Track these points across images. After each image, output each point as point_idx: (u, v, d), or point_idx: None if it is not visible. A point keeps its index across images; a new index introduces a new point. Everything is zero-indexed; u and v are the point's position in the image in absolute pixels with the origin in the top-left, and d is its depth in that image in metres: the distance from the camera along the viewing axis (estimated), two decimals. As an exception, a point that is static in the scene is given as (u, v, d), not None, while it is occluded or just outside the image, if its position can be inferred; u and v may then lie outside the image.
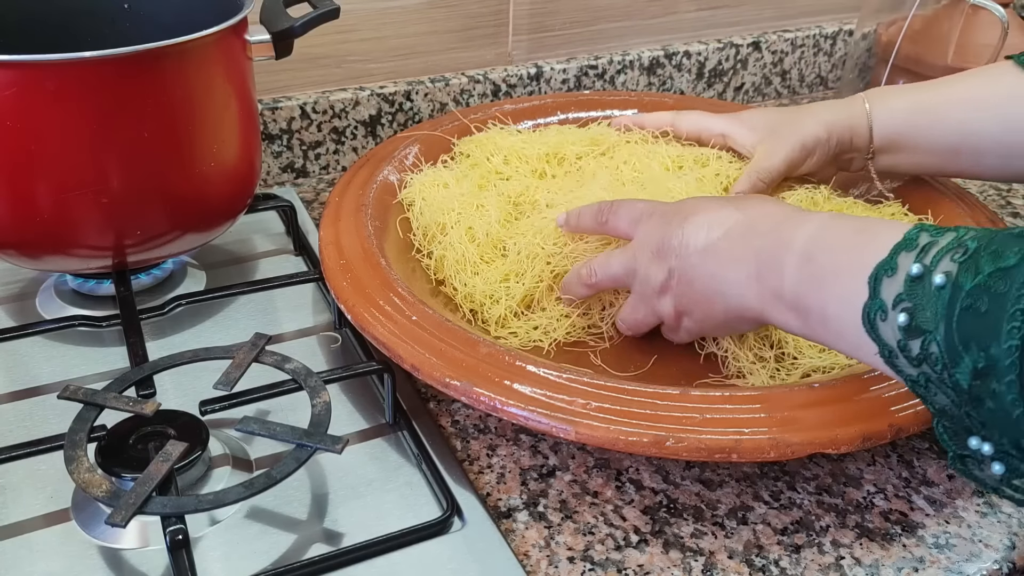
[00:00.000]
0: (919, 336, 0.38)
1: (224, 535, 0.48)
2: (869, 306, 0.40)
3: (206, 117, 0.59)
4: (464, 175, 0.72)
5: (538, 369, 0.50)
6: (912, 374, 0.39)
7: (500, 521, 0.49)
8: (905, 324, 0.38)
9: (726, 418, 0.47)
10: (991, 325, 0.35)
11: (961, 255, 0.37)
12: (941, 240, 0.39)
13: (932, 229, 0.40)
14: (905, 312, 0.38)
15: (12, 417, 0.55)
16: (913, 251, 0.39)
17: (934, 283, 0.37)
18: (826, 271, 0.43)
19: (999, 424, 0.36)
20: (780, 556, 0.47)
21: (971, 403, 0.37)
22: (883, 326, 0.40)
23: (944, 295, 0.37)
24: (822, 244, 0.44)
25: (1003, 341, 0.34)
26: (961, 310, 0.36)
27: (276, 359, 0.53)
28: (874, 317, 0.40)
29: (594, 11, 0.94)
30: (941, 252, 0.38)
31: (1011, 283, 0.35)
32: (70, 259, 0.60)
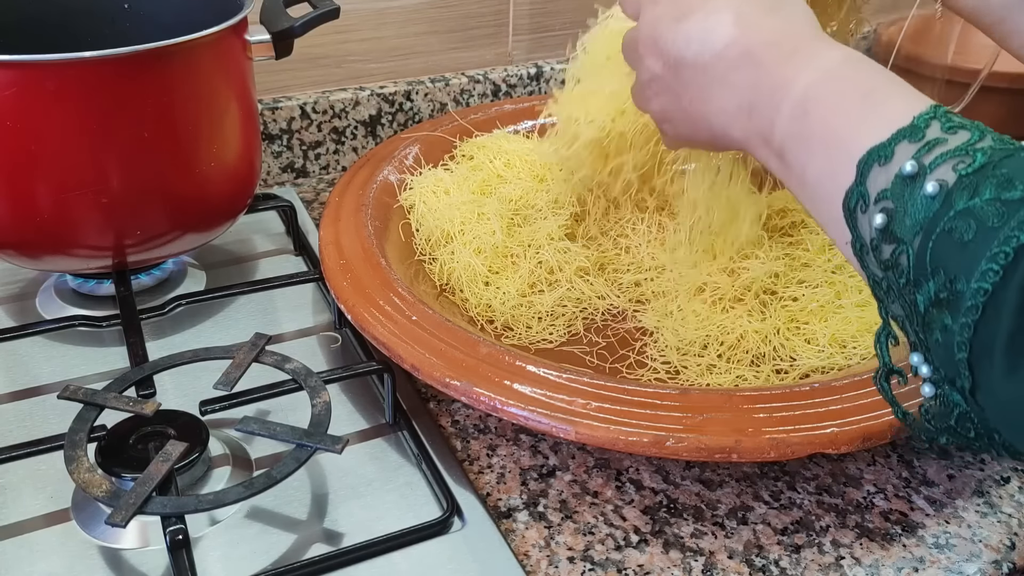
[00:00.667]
0: (893, 243, 0.34)
1: (224, 535, 0.48)
2: (851, 191, 0.35)
3: (206, 117, 0.59)
4: (465, 178, 0.72)
5: (538, 369, 0.50)
6: (877, 274, 0.36)
7: (500, 521, 0.49)
8: (881, 225, 0.34)
9: (726, 418, 0.47)
10: (968, 258, 0.31)
11: (966, 166, 0.32)
12: (951, 140, 0.33)
13: (947, 120, 0.34)
14: (884, 212, 0.34)
15: (12, 417, 0.55)
16: (916, 143, 0.34)
17: (924, 190, 0.32)
18: (817, 133, 0.38)
19: (939, 357, 0.33)
20: (780, 556, 0.47)
21: (921, 326, 0.34)
22: (861, 218, 0.35)
23: (931, 207, 0.32)
24: (823, 99, 0.38)
25: (973, 279, 0.30)
26: (943, 230, 0.32)
27: (276, 359, 0.53)
28: (854, 205, 0.35)
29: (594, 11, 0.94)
30: (945, 156, 0.33)
31: (1007, 219, 0.30)
32: (70, 259, 0.60)
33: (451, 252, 0.65)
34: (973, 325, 0.31)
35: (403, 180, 0.72)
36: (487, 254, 0.64)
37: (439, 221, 0.66)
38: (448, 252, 0.65)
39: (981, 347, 0.31)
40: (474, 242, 0.65)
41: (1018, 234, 0.30)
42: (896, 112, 0.35)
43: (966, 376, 0.32)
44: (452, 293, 0.64)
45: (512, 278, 0.63)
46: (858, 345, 0.57)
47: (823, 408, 0.47)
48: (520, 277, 0.63)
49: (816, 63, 0.39)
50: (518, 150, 0.74)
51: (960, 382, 0.33)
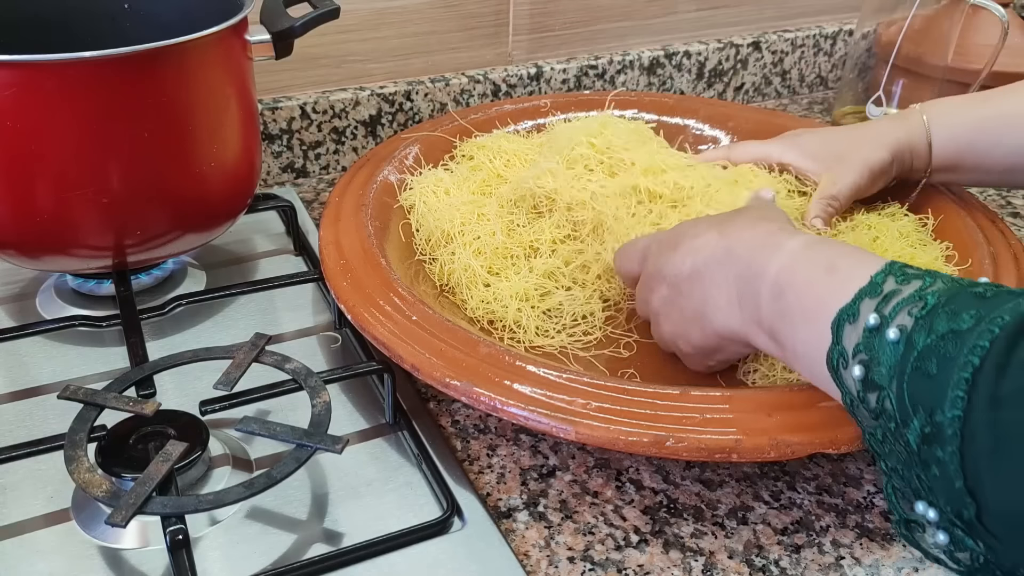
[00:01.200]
0: (875, 391, 0.37)
1: (224, 535, 0.48)
2: (832, 352, 0.39)
3: (206, 117, 0.59)
4: (465, 178, 0.72)
5: (538, 369, 0.50)
6: (871, 426, 0.39)
7: (500, 521, 0.49)
8: (860, 376, 0.38)
9: (726, 418, 0.47)
10: (937, 390, 0.34)
11: (920, 309, 0.36)
12: (904, 289, 0.37)
13: (901, 274, 0.38)
14: (861, 364, 0.38)
15: (12, 417, 0.55)
16: (875, 298, 0.38)
17: (888, 337, 0.36)
18: (794, 309, 0.43)
19: (943, 492, 0.35)
20: (780, 556, 0.47)
21: (920, 466, 0.36)
22: (845, 374, 0.39)
23: (897, 351, 0.36)
24: (792, 279, 0.44)
25: (947, 409, 0.33)
26: (912, 369, 0.35)
27: (276, 359, 0.53)
28: (837, 363, 0.39)
29: (594, 11, 0.94)
30: (901, 304, 0.37)
31: (961, 347, 0.33)
32: (70, 259, 0.60)
33: (451, 252, 0.65)
34: (959, 451, 0.33)
35: (403, 180, 0.72)
36: (487, 255, 0.64)
37: (439, 221, 0.67)
38: (448, 252, 0.65)
39: (972, 470, 0.33)
40: (474, 243, 0.65)
41: (971, 358, 0.33)
42: (856, 275, 0.40)
43: (969, 503, 0.34)
44: (452, 293, 0.64)
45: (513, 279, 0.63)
46: None
47: (823, 408, 0.47)
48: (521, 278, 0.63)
49: (780, 251, 0.45)
50: (518, 150, 0.74)
51: (967, 512, 0.34)
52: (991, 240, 0.64)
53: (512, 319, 0.60)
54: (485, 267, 0.64)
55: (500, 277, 0.63)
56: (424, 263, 0.66)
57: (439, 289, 0.64)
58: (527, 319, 0.60)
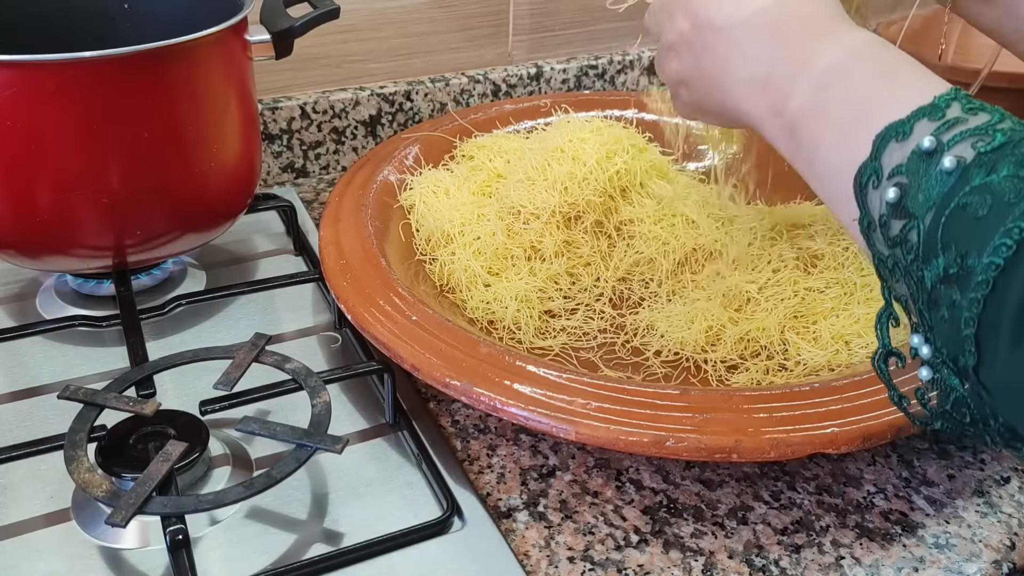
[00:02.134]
0: (904, 219, 0.34)
1: (224, 535, 0.48)
2: (865, 167, 0.35)
3: (206, 117, 0.59)
4: (465, 178, 0.72)
5: (538, 369, 0.50)
6: (883, 252, 0.36)
7: (500, 521, 0.49)
8: (894, 200, 0.34)
9: (726, 418, 0.47)
10: (981, 233, 0.31)
11: (985, 144, 0.32)
12: (971, 120, 0.33)
13: (967, 102, 0.34)
14: (898, 187, 0.34)
15: (12, 417, 0.55)
16: (936, 121, 0.34)
17: (942, 166, 0.33)
18: (835, 108, 0.38)
19: (944, 335, 0.33)
20: (780, 556, 0.47)
21: (927, 303, 0.34)
22: (872, 193, 0.35)
23: (946, 182, 0.32)
24: (844, 76, 0.39)
25: (985, 255, 0.30)
26: (957, 205, 0.32)
27: (276, 359, 0.53)
28: (866, 180, 0.36)
29: (594, 11, 0.94)
30: (964, 134, 0.33)
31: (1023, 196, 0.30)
32: (70, 259, 0.60)
33: (451, 253, 0.65)
34: (983, 300, 0.31)
35: (403, 180, 0.72)
36: (487, 255, 0.64)
37: (439, 222, 0.67)
38: (448, 253, 0.65)
39: (989, 322, 0.31)
40: (474, 243, 0.65)
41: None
42: (916, 92, 0.35)
43: (971, 353, 0.32)
44: (452, 293, 0.64)
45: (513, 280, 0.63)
46: (864, 344, 0.57)
47: (823, 408, 0.47)
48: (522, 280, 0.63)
49: (840, 42, 0.40)
50: (518, 150, 0.74)
51: (964, 360, 0.33)
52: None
53: (512, 320, 0.60)
54: (485, 267, 0.64)
55: (500, 278, 0.63)
56: (424, 263, 0.66)
57: (439, 289, 0.64)
58: (526, 319, 0.60)
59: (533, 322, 0.61)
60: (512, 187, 0.68)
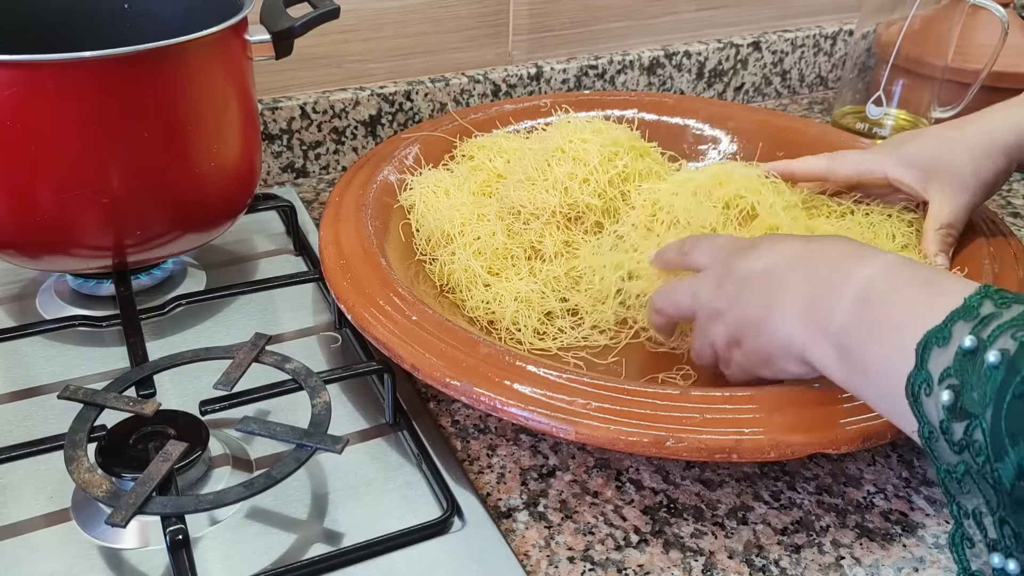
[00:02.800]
0: (964, 419, 0.34)
1: (224, 535, 0.48)
2: (914, 376, 0.36)
3: (206, 117, 0.59)
4: (465, 178, 0.72)
5: (538, 369, 0.50)
6: (951, 462, 0.35)
7: (500, 521, 0.49)
8: (950, 403, 0.34)
9: (726, 418, 0.47)
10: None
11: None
12: (1006, 313, 0.34)
13: (999, 298, 0.36)
14: (951, 389, 0.34)
15: (12, 417, 0.55)
16: (971, 321, 0.35)
17: (987, 361, 0.33)
18: (877, 321, 0.40)
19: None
20: (780, 556, 0.47)
21: (1011, 507, 0.33)
22: (927, 401, 0.36)
23: (996, 376, 0.33)
24: (881, 290, 0.41)
25: None
26: (1014, 396, 0.32)
27: (276, 359, 0.53)
28: (918, 390, 0.36)
29: (594, 11, 0.94)
30: (1002, 327, 0.34)
31: None
32: (70, 259, 0.60)
33: (451, 253, 0.65)
34: None
35: (403, 180, 0.72)
36: (487, 255, 0.64)
37: (439, 222, 0.67)
38: (448, 253, 0.65)
39: None
40: (474, 243, 0.65)
41: None
42: (949, 297, 0.37)
43: None
44: (452, 293, 0.64)
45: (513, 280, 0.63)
46: None
47: (823, 408, 0.47)
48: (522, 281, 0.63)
49: (871, 262, 0.43)
50: (518, 150, 0.74)
51: None
52: (991, 240, 0.64)
53: (511, 320, 0.60)
54: (485, 268, 0.64)
55: (500, 278, 0.63)
56: (424, 263, 0.66)
57: (439, 289, 0.64)
58: (525, 319, 0.60)
59: (533, 323, 0.61)
60: (512, 187, 0.68)
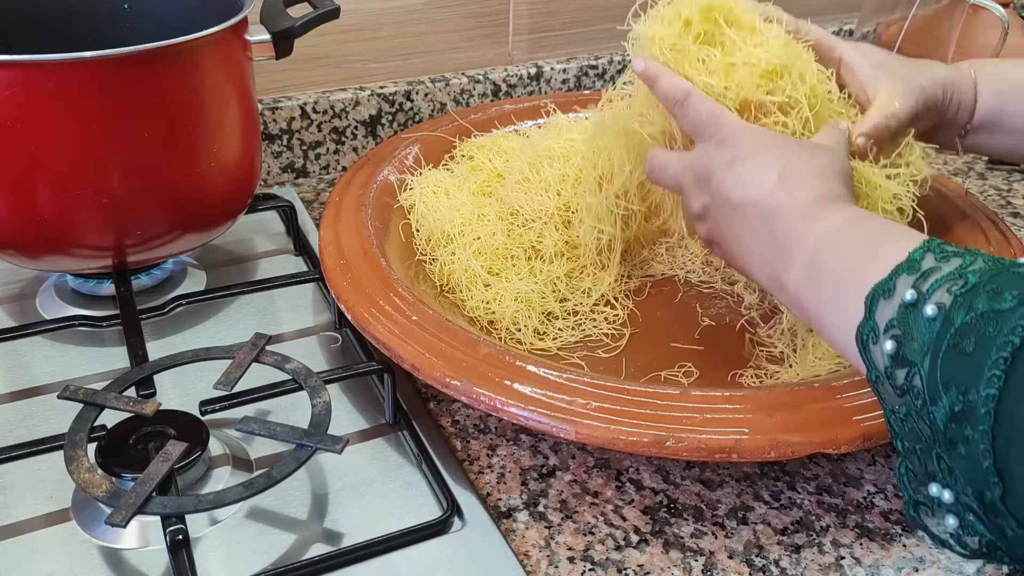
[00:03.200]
0: (906, 367, 0.37)
1: (224, 535, 0.48)
2: (862, 326, 0.39)
3: (206, 117, 0.59)
4: (465, 178, 0.72)
5: (538, 369, 0.50)
6: (894, 403, 0.39)
7: (500, 521, 0.49)
8: (892, 352, 0.38)
9: (726, 418, 0.47)
10: (973, 368, 0.34)
11: (960, 287, 0.36)
12: (944, 267, 0.37)
13: (940, 251, 0.38)
14: (894, 340, 0.37)
15: (12, 417, 0.55)
16: (913, 275, 0.38)
17: (925, 314, 0.36)
18: (827, 279, 0.43)
19: (966, 472, 0.35)
20: (780, 556, 0.47)
21: (944, 445, 0.36)
22: (874, 349, 0.39)
23: (933, 327, 0.36)
24: (831, 248, 0.43)
25: (982, 388, 0.33)
26: (948, 347, 0.35)
27: (276, 359, 0.53)
28: (866, 339, 0.39)
29: (594, 11, 0.94)
30: (939, 281, 0.37)
31: (1001, 327, 0.33)
32: (70, 259, 0.60)
33: (451, 253, 0.65)
34: (991, 430, 0.33)
35: (403, 180, 0.72)
36: (487, 255, 0.64)
37: (439, 222, 0.67)
38: (448, 253, 0.65)
39: (1004, 450, 0.33)
40: (474, 243, 0.65)
41: (1012, 338, 0.32)
42: (894, 252, 0.39)
43: (995, 484, 0.34)
44: (452, 293, 0.64)
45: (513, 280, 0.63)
46: None
47: (823, 408, 0.47)
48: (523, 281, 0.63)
49: (826, 219, 0.45)
50: (516, 150, 0.74)
51: (990, 494, 0.34)
52: (991, 240, 0.64)
53: (511, 320, 0.60)
54: (485, 268, 0.63)
55: (500, 278, 0.63)
56: (424, 263, 0.66)
57: (439, 289, 0.64)
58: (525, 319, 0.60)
59: (533, 323, 0.61)
60: (511, 188, 0.68)
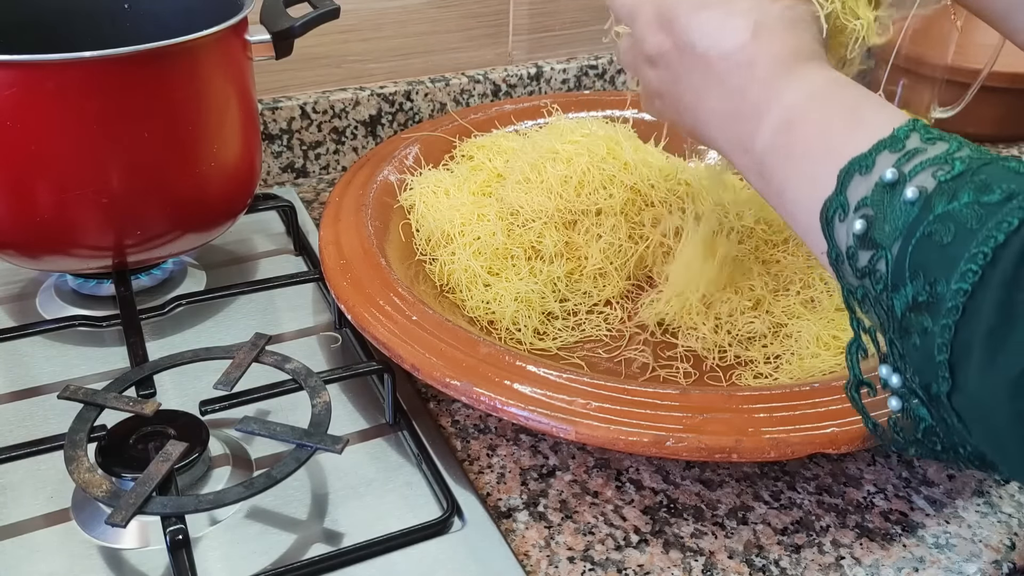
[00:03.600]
0: (871, 249, 0.35)
1: (224, 535, 0.48)
2: (830, 201, 0.36)
3: (206, 117, 0.59)
4: (465, 179, 0.72)
5: (538, 369, 0.50)
6: (852, 284, 0.36)
7: (500, 521, 0.49)
8: (860, 232, 0.35)
9: (726, 418, 0.47)
10: (947, 260, 0.32)
11: (945, 173, 0.33)
12: (931, 149, 0.34)
13: (926, 132, 0.35)
14: (864, 219, 0.35)
15: (12, 417, 0.55)
16: (896, 153, 0.35)
17: (905, 196, 0.34)
18: (799, 146, 0.39)
19: (916, 362, 0.34)
20: (780, 556, 0.47)
21: (898, 332, 0.34)
22: (839, 226, 0.36)
23: (910, 212, 0.33)
24: (807, 114, 0.40)
25: (953, 281, 0.31)
26: (923, 234, 0.33)
27: (276, 359, 0.53)
28: (832, 214, 0.36)
29: (594, 11, 0.94)
30: (924, 163, 0.34)
31: (985, 220, 0.31)
32: (70, 259, 0.60)
33: (451, 253, 0.65)
34: (954, 325, 0.31)
35: (403, 180, 0.72)
36: (487, 255, 0.64)
37: (439, 222, 0.67)
38: (448, 253, 0.65)
39: (961, 347, 0.31)
40: (474, 243, 0.65)
41: (995, 234, 0.30)
42: (877, 126, 0.36)
43: (944, 379, 0.33)
44: (452, 293, 0.64)
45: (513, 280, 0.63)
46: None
47: (823, 408, 0.47)
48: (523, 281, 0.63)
49: (802, 82, 0.41)
50: (518, 150, 0.74)
51: (937, 387, 0.33)
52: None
53: (511, 320, 0.60)
54: (485, 268, 0.63)
55: (500, 278, 0.63)
56: (424, 263, 0.66)
57: (439, 289, 0.64)
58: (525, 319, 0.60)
59: (533, 323, 0.61)
60: (511, 188, 0.68)
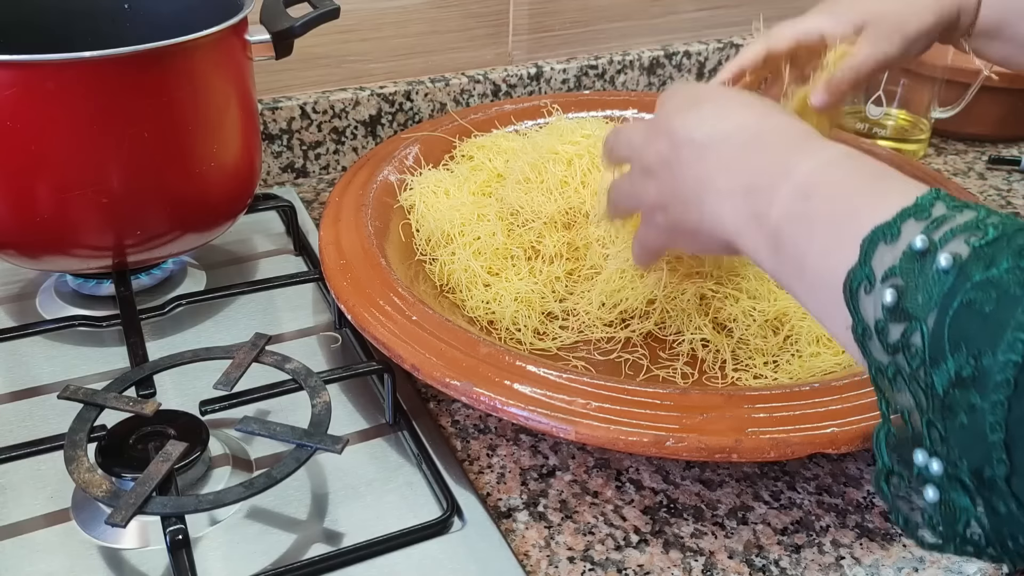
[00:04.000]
0: (904, 321, 0.33)
1: (224, 535, 0.48)
2: (855, 272, 0.35)
3: (206, 117, 0.59)
4: (465, 179, 0.72)
5: (538, 369, 0.50)
6: (882, 361, 0.34)
7: (500, 521, 0.49)
8: (891, 304, 0.33)
9: (726, 418, 0.47)
10: (992, 330, 0.30)
11: (979, 239, 0.31)
12: (959, 217, 0.33)
13: (951, 201, 0.34)
14: (894, 289, 0.33)
15: (12, 417, 0.55)
16: (923, 220, 0.33)
17: (938, 264, 0.32)
18: (819, 216, 0.38)
19: (964, 444, 0.31)
20: (780, 556, 0.47)
21: (939, 411, 0.32)
22: (865, 299, 0.34)
23: (946, 281, 0.31)
24: (826, 183, 0.39)
25: (1001, 352, 0.29)
26: (961, 304, 0.31)
27: (276, 359, 0.53)
28: (857, 286, 0.35)
29: (594, 11, 0.94)
30: (955, 231, 0.32)
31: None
32: (70, 259, 0.60)
33: (451, 253, 0.65)
34: (1007, 401, 0.29)
35: (403, 180, 0.72)
36: (487, 255, 0.64)
37: (439, 222, 0.67)
38: (448, 253, 0.65)
39: (1017, 424, 0.29)
40: (474, 243, 0.65)
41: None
42: (898, 195, 0.35)
43: (1001, 461, 0.30)
44: (452, 293, 0.64)
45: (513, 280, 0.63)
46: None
47: (823, 408, 0.47)
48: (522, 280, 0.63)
49: (819, 153, 0.40)
50: (518, 150, 0.74)
51: (991, 471, 0.30)
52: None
53: (511, 320, 0.60)
54: (485, 268, 0.64)
55: (500, 278, 0.63)
56: (424, 263, 0.66)
57: (439, 289, 0.64)
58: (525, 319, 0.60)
59: (533, 323, 0.61)
60: (511, 188, 0.68)
